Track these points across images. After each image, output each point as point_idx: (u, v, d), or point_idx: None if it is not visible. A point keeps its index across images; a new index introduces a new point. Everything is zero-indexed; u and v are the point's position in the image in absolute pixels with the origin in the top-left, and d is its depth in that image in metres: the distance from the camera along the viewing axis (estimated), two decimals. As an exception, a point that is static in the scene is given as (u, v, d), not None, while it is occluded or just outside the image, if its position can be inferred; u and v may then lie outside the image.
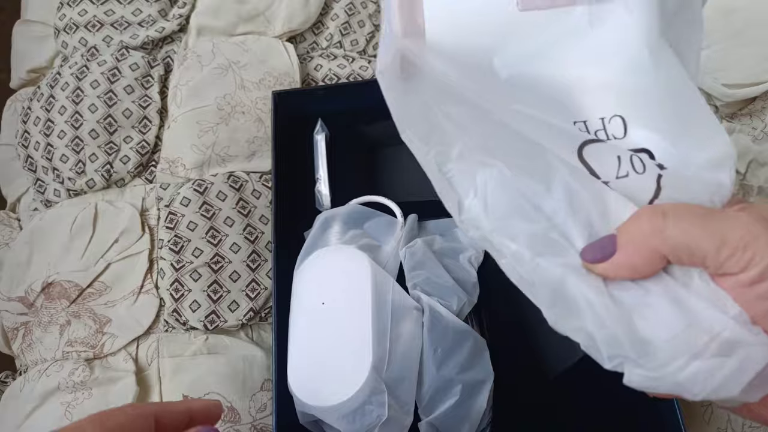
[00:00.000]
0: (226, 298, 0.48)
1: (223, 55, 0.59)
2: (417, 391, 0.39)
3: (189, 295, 0.48)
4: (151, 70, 0.59)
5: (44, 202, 0.56)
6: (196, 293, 0.48)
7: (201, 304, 0.48)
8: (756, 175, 0.49)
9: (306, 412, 0.38)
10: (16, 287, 0.52)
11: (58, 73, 0.59)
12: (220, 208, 0.51)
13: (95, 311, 0.49)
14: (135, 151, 0.55)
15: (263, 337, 0.48)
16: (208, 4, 0.63)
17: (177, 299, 0.48)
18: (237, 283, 0.48)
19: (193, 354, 0.47)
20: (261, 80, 0.58)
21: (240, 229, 0.50)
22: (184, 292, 0.48)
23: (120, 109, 0.57)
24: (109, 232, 0.52)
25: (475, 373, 0.39)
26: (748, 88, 0.52)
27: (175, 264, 0.49)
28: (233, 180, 0.52)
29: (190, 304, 0.48)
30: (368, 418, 0.37)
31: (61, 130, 0.56)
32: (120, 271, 0.50)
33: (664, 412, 0.39)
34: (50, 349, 0.49)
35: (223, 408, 0.36)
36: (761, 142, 0.50)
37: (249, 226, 0.51)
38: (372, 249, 0.44)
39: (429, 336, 0.40)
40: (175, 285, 0.49)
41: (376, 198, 0.48)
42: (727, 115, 0.53)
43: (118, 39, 0.61)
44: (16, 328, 0.51)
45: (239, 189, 0.52)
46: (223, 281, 0.48)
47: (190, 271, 0.49)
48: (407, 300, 0.41)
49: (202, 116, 0.55)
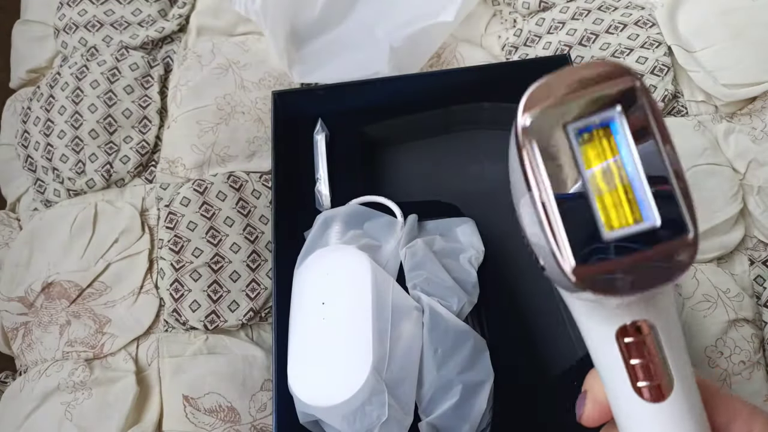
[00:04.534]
0: (226, 298, 0.48)
1: (223, 55, 0.59)
2: (417, 392, 0.39)
3: (189, 295, 0.48)
4: (151, 70, 0.59)
5: (44, 202, 0.56)
6: (196, 293, 0.48)
7: (201, 304, 0.48)
8: (756, 175, 0.49)
9: (306, 412, 0.38)
10: (16, 287, 0.52)
11: (58, 73, 0.59)
12: (220, 208, 0.51)
13: (95, 311, 0.49)
14: (135, 151, 0.55)
15: (263, 337, 0.48)
16: (208, 3, 0.63)
17: (177, 299, 0.48)
18: (237, 283, 0.48)
19: (193, 354, 0.47)
20: (261, 80, 0.58)
21: (240, 229, 0.50)
22: (184, 292, 0.48)
23: (120, 109, 0.57)
24: (109, 232, 0.51)
25: (475, 374, 0.39)
26: (748, 88, 0.52)
27: (174, 264, 0.49)
28: (233, 180, 0.52)
29: (190, 304, 0.48)
30: (368, 419, 0.37)
31: (61, 130, 0.56)
32: (120, 271, 0.50)
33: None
34: (50, 349, 0.49)
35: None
36: (761, 141, 0.50)
37: (249, 226, 0.51)
38: (372, 249, 0.44)
39: (429, 336, 0.40)
40: (175, 285, 0.49)
41: (376, 198, 0.48)
42: (726, 115, 0.53)
43: (117, 39, 0.61)
44: (16, 328, 0.51)
45: (239, 189, 0.52)
46: (223, 281, 0.48)
47: (190, 271, 0.49)
48: (407, 300, 0.41)
49: (202, 116, 0.55)
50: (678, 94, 0.54)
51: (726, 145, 0.51)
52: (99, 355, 0.48)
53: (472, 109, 0.52)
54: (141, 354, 0.48)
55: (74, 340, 0.48)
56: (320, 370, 0.38)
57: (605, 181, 0.21)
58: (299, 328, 0.40)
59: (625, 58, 0.54)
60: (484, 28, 0.61)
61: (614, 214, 0.20)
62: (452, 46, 0.58)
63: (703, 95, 0.53)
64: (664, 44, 0.54)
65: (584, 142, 0.21)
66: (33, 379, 0.48)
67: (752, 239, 0.48)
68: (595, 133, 0.21)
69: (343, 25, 0.60)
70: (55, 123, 0.56)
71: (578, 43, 0.56)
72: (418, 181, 0.51)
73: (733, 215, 0.48)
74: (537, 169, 0.21)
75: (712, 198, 0.48)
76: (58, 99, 0.57)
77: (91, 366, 0.47)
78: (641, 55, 0.54)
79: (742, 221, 0.48)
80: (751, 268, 0.47)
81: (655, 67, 0.53)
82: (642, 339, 0.22)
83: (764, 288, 0.47)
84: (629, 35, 0.55)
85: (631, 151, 0.20)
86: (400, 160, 0.53)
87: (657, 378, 0.22)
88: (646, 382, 0.22)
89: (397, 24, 0.56)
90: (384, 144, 0.54)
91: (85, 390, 0.46)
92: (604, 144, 0.21)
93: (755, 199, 0.48)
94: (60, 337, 0.49)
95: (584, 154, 0.21)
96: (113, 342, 0.48)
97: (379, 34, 0.57)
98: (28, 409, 0.46)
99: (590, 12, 0.57)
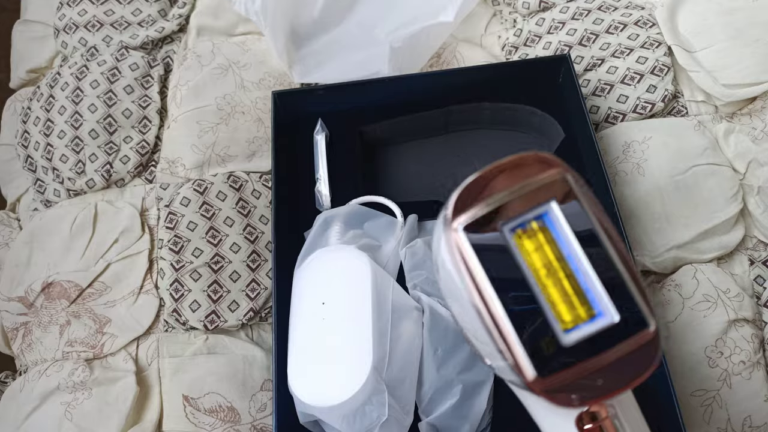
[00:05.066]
0: (226, 298, 0.48)
1: (223, 55, 0.59)
2: (417, 392, 0.39)
3: (189, 295, 0.48)
4: (151, 70, 0.59)
5: (44, 202, 0.56)
6: (196, 293, 0.48)
7: (201, 304, 0.48)
8: (756, 175, 0.49)
9: (306, 412, 0.38)
10: (16, 287, 0.52)
11: (58, 73, 0.59)
12: (220, 208, 0.51)
13: (95, 311, 0.49)
14: (135, 151, 0.55)
15: (263, 337, 0.48)
16: (208, 4, 0.63)
17: (177, 299, 0.48)
18: (237, 283, 0.48)
19: (193, 354, 0.47)
20: (261, 80, 0.58)
21: (240, 229, 0.50)
22: (184, 292, 0.48)
23: (120, 109, 0.57)
24: (109, 232, 0.51)
25: (475, 374, 0.39)
26: (748, 88, 0.52)
27: (175, 264, 0.49)
28: (233, 180, 0.52)
29: (190, 304, 0.48)
30: (368, 419, 0.37)
31: (61, 130, 0.56)
32: (120, 271, 0.50)
33: (664, 412, 0.39)
34: (50, 349, 0.49)
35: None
36: (761, 141, 0.50)
37: (249, 226, 0.51)
38: (372, 249, 0.44)
39: (429, 336, 0.40)
40: (175, 285, 0.49)
41: (376, 198, 0.48)
42: (726, 115, 0.53)
43: (117, 39, 0.61)
44: (16, 328, 0.51)
45: (239, 189, 0.52)
46: (223, 281, 0.48)
47: (190, 271, 0.49)
48: (407, 300, 0.41)
49: (202, 116, 0.55)
50: (678, 94, 0.54)
51: (726, 145, 0.51)
52: (99, 355, 0.48)
53: (472, 109, 0.52)
54: (141, 354, 0.48)
55: (74, 340, 0.48)
56: (320, 370, 0.38)
57: (549, 277, 0.19)
58: (299, 328, 0.40)
59: (625, 58, 0.54)
60: (484, 28, 0.61)
61: (565, 311, 0.19)
62: (452, 46, 0.58)
63: (703, 95, 0.53)
64: (664, 44, 0.54)
65: (521, 240, 0.20)
66: (33, 379, 0.48)
67: (752, 239, 0.48)
68: (531, 229, 0.20)
69: (343, 25, 0.60)
70: (55, 123, 0.56)
71: (578, 43, 0.56)
72: (418, 181, 0.51)
73: (733, 215, 0.48)
74: (477, 276, 0.19)
75: (712, 198, 0.48)
76: (58, 99, 0.57)
77: (91, 366, 0.47)
78: (641, 55, 0.54)
79: (742, 221, 0.48)
80: (751, 268, 0.47)
81: (655, 67, 0.53)
82: (601, 423, 0.22)
83: (764, 288, 0.47)
84: (629, 35, 0.55)
85: (571, 243, 0.19)
86: (400, 160, 0.53)
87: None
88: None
89: (397, 24, 0.56)
90: (384, 144, 0.54)
91: (85, 390, 0.46)
92: (541, 239, 0.20)
93: (755, 199, 0.48)
94: (60, 337, 0.49)
95: (523, 252, 0.20)
96: (113, 342, 0.48)
97: (380, 35, 0.57)
98: (28, 409, 0.46)
99: (590, 12, 0.57)
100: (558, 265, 0.19)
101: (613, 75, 0.54)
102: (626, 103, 0.53)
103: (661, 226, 0.48)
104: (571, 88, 0.50)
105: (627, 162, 0.50)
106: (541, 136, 0.51)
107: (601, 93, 0.54)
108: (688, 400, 0.43)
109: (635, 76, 0.53)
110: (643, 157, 0.50)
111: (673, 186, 0.49)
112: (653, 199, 0.48)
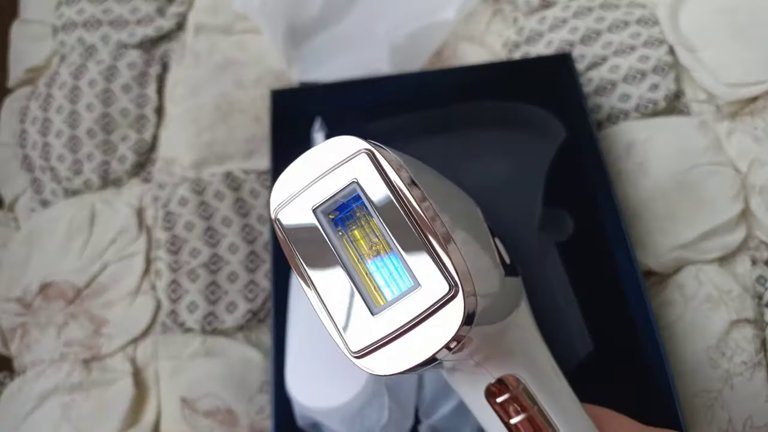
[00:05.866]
0: (224, 299, 0.48)
1: (221, 54, 0.58)
2: (417, 394, 0.39)
3: (187, 296, 0.48)
4: (149, 69, 0.59)
5: (41, 202, 0.56)
6: (193, 294, 0.48)
7: (199, 305, 0.47)
8: (758, 175, 0.48)
9: (305, 415, 0.38)
10: (14, 288, 0.51)
11: (56, 72, 0.59)
12: (217, 207, 0.51)
13: (92, 312, 0.49)
14: (132, 150, 0.55)
15: (262, 339, 0.48)
16: (206, 1, 0.62)
17: (174, 300, 0.48)
18: (235, 284, 0.48)
19: (190, 356, 0.46)
20: (259, 78, 0.57)
21: (238, 230, 0.50)
22: (182, 293, 0.48)
23: (117, 107, 0.56)
24: (106, 233, 0.51)
25: (475, 375, 0.39)
26: (750, 87, 0.51)
27: (172, 265, 0.49)
28: (231, 179, 0.52)
29: (187, 306, 0.48)
30: (368, 421, 0.36)
31: (59, 130, 0.55)
32: (117, 271, 0.50)
33: (666, 412, 0.39)
34: (48, 350, 0.49)
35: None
36: (763, 141, 0.49)
37: (247, 226, 0.50)
38: (371, 249, 0.43)
39: (429, 337, 0.39)
40: (173, 286, 0.48)
41: (376, 198, 0.47)
42: (729, 115, 0.52)
43: (115, 37, 0.61)
44: (14, 329, 0.51)
45: (237, 188, 0.52)
46: (221, 282, 0.48)
47: (188, 271, 0.48)
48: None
49: (200, 115, 0.55)
50: (680, 94, 0.53)
51: (728, 144, 0.50)
52: (96, 357, 0.48)
53: (473, 107, 0.52)
54: (138, 355, 0.48)
55: (72, 340, 0.48)
56: (319, 372, 0.38)
57: (361, 255, 0.21)
58: (298, 329, 0.40)
59: (626, 57, 0.54)
60: (486, 26, 0.60)
61: (373, 288, 0.20)
62: (453, 44, 0.58)
63: (705, 94, 0.53)
64: (666, 43, 0.54)
65: (338, 224, 0.22)
66: (31, 380, 0.47)
67: (754, 240, 0.48)
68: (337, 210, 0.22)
69: (342, 23, 0.59)
70: (52, 122, 0.56)
71: (580, 42, 0.55)
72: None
73: (735, 215, 0.47)
74: (298, 262, 0.21)
75: (713, 198, 0.48)
76: (55, 98, 0.57)
77: (88, 367, 0.47)
78: (643, 54, 0.53)
79: (744, 221, 0.48)
80: (753, 268, 0.47)
81: (656, 66, 0.53)
82: (513, 395, 0.22)
83: (766, 288, 0.46)
84: (631, 34, 0.55)
85: (379, 220, 0.21)
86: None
87: (542, 430, 0.22)
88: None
89: (397, 22, 0.56)
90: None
91: (82, 391, 0.46)
92: (359, 220, 0.21)
93: (757, 199, 0.48)
94: (57, 338, 0.48)
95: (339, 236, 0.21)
96: (110, 343, 0.48)
97: (380, 32, 0.56)
98: (26, 410, 0.46)
99: (592, 10, 0.57)
100: (368, 243, 0.21)
101: (615, 74, 0.53)
102: (628, 102, 0.52)
103: (665, 226, 0.47)
104: (572, 87, 0.49)
105: (629, 161, 0.50)
106: (542, 135, 0.51)
107: (603, 92, 0.53)
108: (690, 402, 0.43)
109: (637, 74, 0.53)
110: (645, 157, 0.50)
111: (676, 186, 0.48)
112: (656, 199, 0.48)
